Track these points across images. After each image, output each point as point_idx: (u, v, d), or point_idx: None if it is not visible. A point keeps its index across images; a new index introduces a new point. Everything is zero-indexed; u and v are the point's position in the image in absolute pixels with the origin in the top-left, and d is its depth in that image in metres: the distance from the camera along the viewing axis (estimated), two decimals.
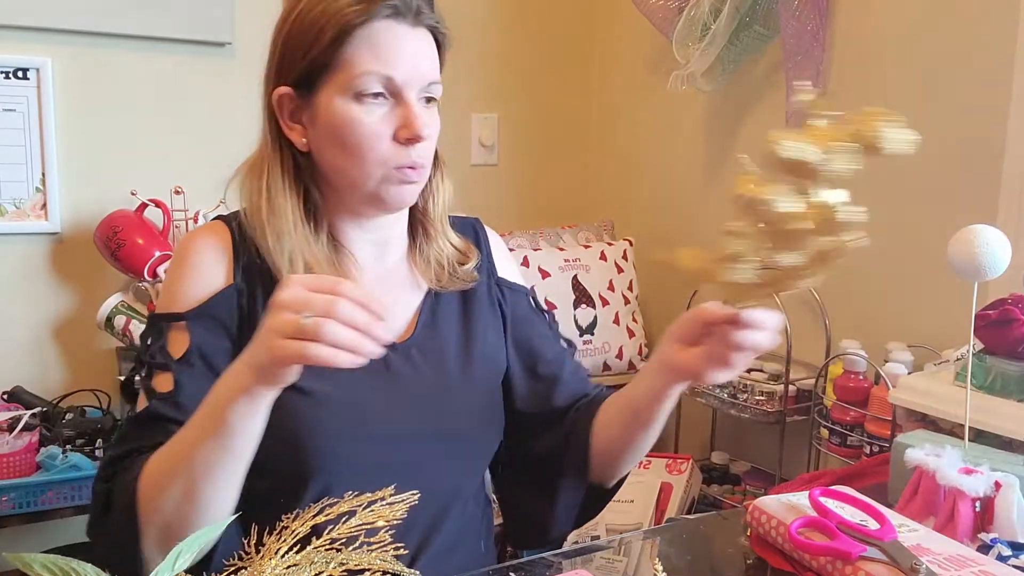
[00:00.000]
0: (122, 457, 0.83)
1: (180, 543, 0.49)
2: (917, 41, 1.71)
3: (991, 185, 1.57)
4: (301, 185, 0.92)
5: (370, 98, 0.86)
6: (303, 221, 0.91)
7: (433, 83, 0.89)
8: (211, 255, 0.91)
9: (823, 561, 0.77)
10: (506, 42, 2.50)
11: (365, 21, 0.85)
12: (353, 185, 0.90)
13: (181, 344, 0.86)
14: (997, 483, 0.85)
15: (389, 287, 0.97)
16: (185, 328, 0.87)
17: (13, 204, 1.96)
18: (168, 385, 0.85)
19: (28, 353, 2.02)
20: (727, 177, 2.21)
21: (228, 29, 2.11)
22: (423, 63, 0.88)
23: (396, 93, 0.87)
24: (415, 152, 0.88)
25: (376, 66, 0.85)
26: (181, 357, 0.86)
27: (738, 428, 2.15)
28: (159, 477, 0.76)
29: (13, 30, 1.91)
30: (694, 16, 1.98)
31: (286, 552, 0.49)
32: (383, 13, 0.86)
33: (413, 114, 0.86)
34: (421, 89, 0.88)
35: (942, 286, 1.61)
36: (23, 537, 1.94)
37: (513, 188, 2.55)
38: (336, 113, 0.87)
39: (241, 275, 0.90)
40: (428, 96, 0.90)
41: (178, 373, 0.85)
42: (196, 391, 0.81)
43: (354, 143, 0.87)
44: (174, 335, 0.87)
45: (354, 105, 0.86)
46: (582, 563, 0.85)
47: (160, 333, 0.87)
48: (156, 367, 0.86)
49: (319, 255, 0.91)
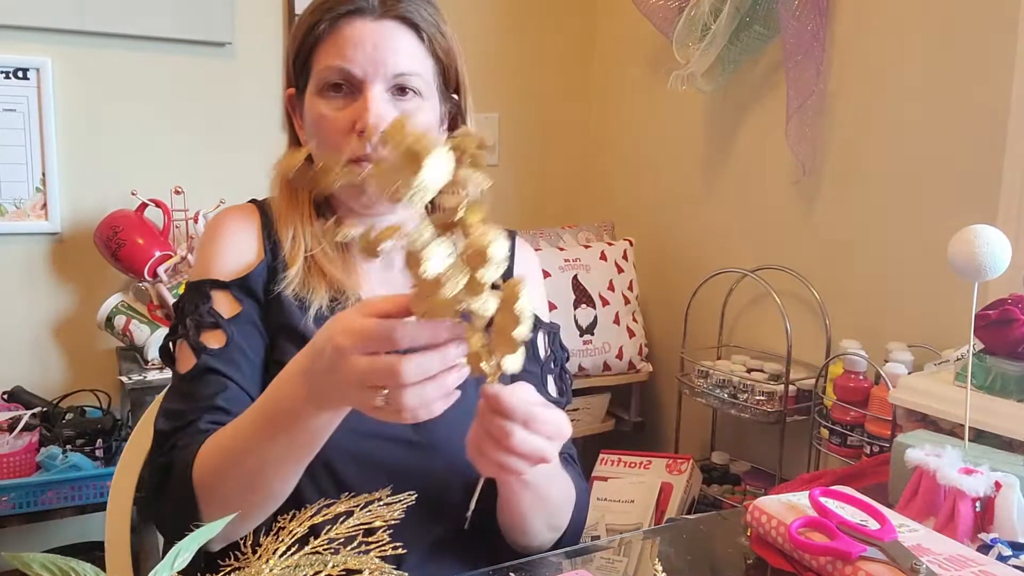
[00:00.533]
0: (178, 427, 0.83)
1: (179, 543, 0.49)
2: (917, 41, 1.71)
3: (991, 185, 1.57)
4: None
5: (331, 91, 0.88)
6: (313, 213, 0.94)
7: (403, 74, 0.88)
8: (244, 230, 0.94)
9: (823, 561, 0.77)
10: (506, 42, 2.51)
11: (330, 19, 0.89)
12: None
13: (230, 307, 0.89)
14: (997, 483, 0.85)
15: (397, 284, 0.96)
16: (230, 294, 0.89)
17: (13, 204, 1.96)
18: (220, 341, 0.86)
19: (28, 353, 2.02)
20: (727, 177, 2.21)
21: (228, 29, 2.11)
22: (387, 55, 0.88)
23: (356, 86, 0.88)
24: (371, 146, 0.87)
25: (335, 60, 0.88)
26: (232, 318, 0.88)
27: (738, 428, 2.15)
28: (219, 465, 0.75)
29: (13, 30, 1.91)
30: (694, 16, 1.98)
31: (283, 552, 0.49)
32: (344, 10, 0.88)
33: (365, 107, 0.86)
34: (388, 82, 0.88)
35: (942, 286, 1.61)
36: (23, 537, 1.94)
37: (513, 188, 2.55)
38: (310, 109, 0.90)
39: (270, 251, 0.93)
40: (402, 86, 0.89)
41: (230, 331, 0.87)
42: (246, 348, 0.86)
43: (320, 135, 0.90)
44: (220, 298, 0.89)
45: (320, 100, 0.89)
46: (582, 563, 0.85)
47: (207, 296, 0.89)
48: (206, 326, 0.87)
49: (329, 250, 0.93)
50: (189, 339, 0.87)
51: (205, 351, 0.86)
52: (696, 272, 2.17)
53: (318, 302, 0.90)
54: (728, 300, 2.14)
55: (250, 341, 0.88)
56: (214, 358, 0.85)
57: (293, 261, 0.91)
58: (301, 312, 0.90)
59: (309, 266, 0.92)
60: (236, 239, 0.93)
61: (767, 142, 2.05)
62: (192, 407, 0.84)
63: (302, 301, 0.90)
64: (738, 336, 2.18)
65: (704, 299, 2.12)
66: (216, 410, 0.84)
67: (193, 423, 0.83)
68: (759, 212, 2.11)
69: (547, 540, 0.89)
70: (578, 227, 2.42)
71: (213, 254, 0.92)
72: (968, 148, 1.62)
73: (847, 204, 1.88)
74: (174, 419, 0.84)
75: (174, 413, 0.85)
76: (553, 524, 0.88)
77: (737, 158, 2.17)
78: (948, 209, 1.66)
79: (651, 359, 2.36)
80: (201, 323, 0.87)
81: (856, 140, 1.85)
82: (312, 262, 0.92)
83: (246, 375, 0.87)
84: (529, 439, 0.66)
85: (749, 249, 2.12)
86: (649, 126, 2.46)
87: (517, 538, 0.88)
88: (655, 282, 2.43)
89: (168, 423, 0.85)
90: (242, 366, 0.86)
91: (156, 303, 1.97)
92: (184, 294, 0.92)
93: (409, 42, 0.90)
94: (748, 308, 2.15)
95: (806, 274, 1.94)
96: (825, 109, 1.89)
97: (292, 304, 0.90)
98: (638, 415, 2.39)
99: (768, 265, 2.00)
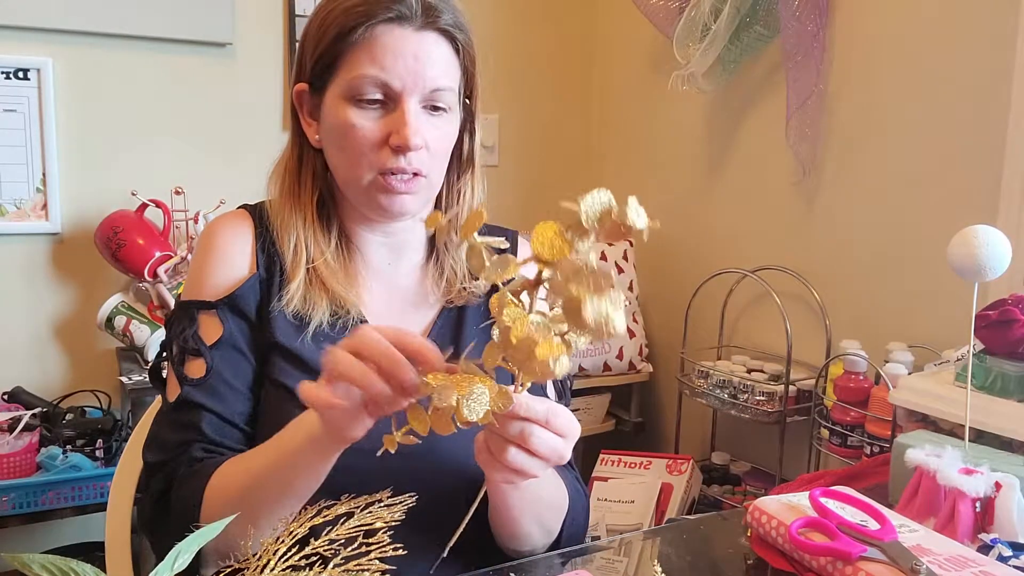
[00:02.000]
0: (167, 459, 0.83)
1: (179, 544, 0.49)
2: (917, 41, 1.71)
3: (991, 185, 1.57)
4: (318, 182, 0.93)
5: (364, 100, 0.85)
6: (315, 218, 0.92)
7: (439, 90, 0.86)
8: (236, 243, 0.91)
9: (823, 561, 0.77)
10: (506, 42, 2.51)
11: (367, 23, 0.84)
12: (348, 185, 0.90)
13: (214, 330, 0.87)
14: (997, 483, 0.85)
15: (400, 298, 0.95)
16: (216, 315, 0.88)
17: (14, 204, 1.96)
18: (200, 371, 0.85)
19: (28, 353, 2.02)
20: (727, 177, 2.21)
21: (228, 29, 2.11)
22: (426, 69, 0.85)
23: (393, 98, 0.85)
24: (405, 160, 0.86)
25: (373, 71, 0.84)
26: (214, 343, 0.87)
27: (738, 428, 2.15)
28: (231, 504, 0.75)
29: (13, 30, 1.91)
30: (694, 16, 1.98)
31: (284, 554, 0.49)
32: (385, 16, 0.84)
33: (404, 122, 0.84)
34: (424, 96, 0.86)
35: (942, 286, 1.61)
36: (23, 537, 1.94)
37: (513, 188, 2.55)
38: (336, 114, 0.87)
39: (263, 265, 0.90)
40: (435, 102, 0.87)
41: (211, 359, 0.86)
42: (228, 377, 0.85)
43: (347, 145, 0.86)
44: (205, 321, 0.88)
45: (351, 108, 0.85)
46: (582, 563, 0.85)
47: (192, 319, 0.88)
48: (189, 352, 0.86)
49: (327, 254, 0.91)
50: (173, 366, 0.87)
51: (186, 381, 0.85)
52: (696, 272, 2.17)
53: (318, 319, 0.88)
54: (728, 300, 2.14)
55: (233, 367, 0.87)
56: (195, 389, 0.85)
57: (294, 274, 0.88)
58: (297, 330, 0.88)
59: (310, 279, 0.89)
60: (227, 253, 0.91)
61: (767, 142, 2.05)
62: (179, 438, 0.84)
63: (301, 319, 0.88)
64: (738, 336, 2.18)
65: (704, 299, 2.12)
66: (207, 442, 0.84)
67: (182, 454, 0.83)
68: (759, 212, 2.11)
69: (541, 544, 0.88)
70: None
71: (202, 269, 0.90)
72: (968, 148, 1.62)
73: (847, 204, 1.88)
74: (162, 451, 0.85)
75: (162, 444, 0.85)
76: (546, 526, 0.87)
77: (737, 158, 2.17)
78: (948, 209, 1.66)
79: (651, 359, 2.36)
80: (185, 349, 0.87)
81: (856, 140, 1.85)
82: (313, 274, 0.90)
83: (228, 404, 0.86)
84: (549, 439, 0.66)
85: (749, 249, 2.12)
86: (649, 126, 2.46)
87: (510, 544, 0.87)
88: (655, 282, 2.43)
89: (156, 454, 0.85)
90: (224, 395, 0.85)
91: (156, 303, 1.97)
92: (173, 313, 0.91)
93: (446, 55, 0.88)
94: (748, 308, 2.15)
95: (806, 274, 1.94)
96: (825, 109, 1.89)
97: (287, 322, 0.88)
98: (638, 415, 2.39)
99: (768, 265, 2.00)
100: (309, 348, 0.87)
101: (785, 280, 1.96)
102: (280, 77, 2.23)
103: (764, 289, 1.96)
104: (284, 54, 2.22)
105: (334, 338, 0.84)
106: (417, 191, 0.89)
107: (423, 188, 0.89)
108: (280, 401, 0.86)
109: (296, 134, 0.94)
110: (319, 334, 0.87)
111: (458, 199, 0.97)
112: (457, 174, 0.96)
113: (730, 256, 2.15)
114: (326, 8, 0.87)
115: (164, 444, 0.85)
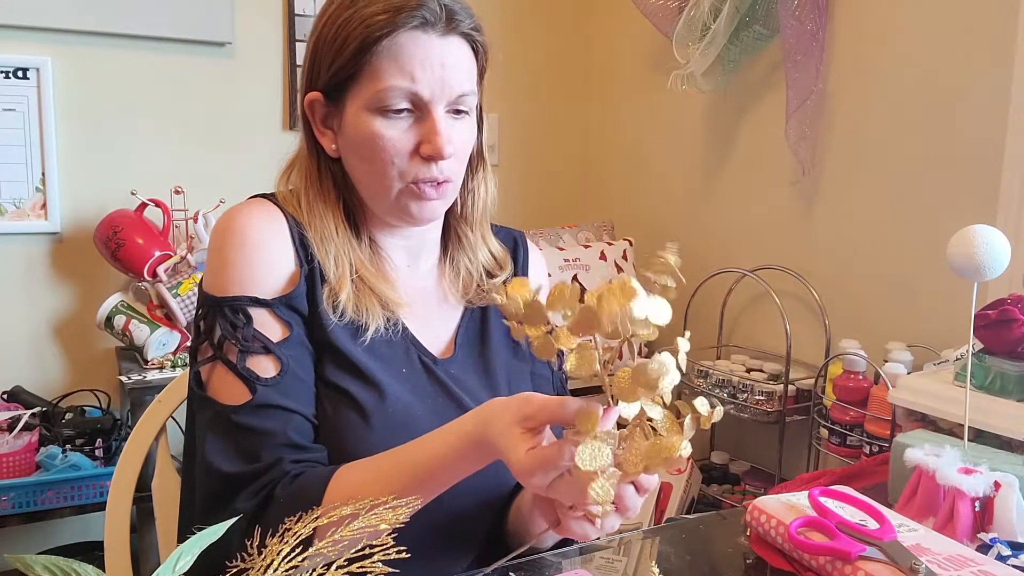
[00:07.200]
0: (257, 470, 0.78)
1: (181, 546, 0.49)
2: (917, 41, 1.71)
3: (991, 185, 1.57)
4: (340, 191, 0.91)
5: (394, 113, 0.83)
6: (344, 225, 0.90)
7: (464, 95, 0.85)
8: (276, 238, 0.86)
9: (823, 561, 0.77)
10: (506, 42, 2.50)
11: (391, 32, 0.81)
12: (375, 196, 0.89)
13: (277, 329, 0.83)
14: (996, 483, 0.85)
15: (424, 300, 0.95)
16: (271, 312, 0.83)
17: (13, 204, 1.96)
18: (271, 370, 0.81)
19: (28, 353, 2.02)
20: (727, 176, 2.21)
21: (228, 29, 2.11)
22: (452, 75, 0.83)
23: (421, 107, 0.84)
24: (436, 168, 0.85)
25: (401, 80, 0.82)
26: (281, 341, 0.83)
27: (738, 428, 2.15)
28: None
29: (13, 30, 1.91)
30: (694, 16, 1.98)
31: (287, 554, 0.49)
32: (410, 23, 0.82)
33: (436, 131, 0.83)
34: (449, 102, 0.85)
35: (942, 286, 1.62)
36: (23, 537, 1.94)
37: (513, 188, 2.55)
38: (360, 125, 0.84)
39: (305, 260, 0.86)
40: (458, 108, 0.86)
41: (285, 358, 0.82)
42: (302, 375, 0.82)
43: (375, 156, 0.84)
44: (261, 318, 0.83)
45: (378, 119, 0.84)
46: (582, 563, 0.85)
47: (247, 316, 0.82)
48: (253, 351, 0.81)
49: (363, 257, 0.89)
50: (235, 366, 0.81)
51: (259, 381, 0.80)
52: (696, 272, 2.17)
53: (375, 325, 0.86)
54: (728, 300, 2.14)
55: (303, 365, 0.83)
56: (271, 389, 0.81)
57: (342, 285, 0.85)
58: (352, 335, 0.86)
59: (357, 286, 0.87)
60: (269, 247, 0.85)
61: (767, 142, 2.05)
62: (262, 444, 0.79)
63: (356, 327, 0.86)
64: (738, 336, 2.19)
65: (704, 299, 2.12)
66: (293, 447, 0.80)
67: (276, 464, 0.79)
68: (759, 212, 2.11)
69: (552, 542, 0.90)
70: (578, 227, 2.42)
71: (241, 264, 0.84)
72: (967, 148, 1.63)
73: (847, 204, 1.88)
74: (244, 459, 0.79)
75: (243, 452, 0.79)
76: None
77: (737, 158, 2.17)
78: (948, 209, 1.66)
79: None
80: (248, 349, 0.81)
81: (856, 140, 1.85)
82: (359, 282, 0.87)
83: (305, 403, 0.83)
84: (638, 500, 0.70)
85: (749, 249, 2.12)
86: (649, 126, 2.46)
87: (524, 539, 0.86)
88: None
89: (237, 464, 0.79)
90: (301, 394, 0.82)
91: (156, 303, 1.97)
92: (209, 311, 0.83)
93: (468, 59, 0.86)
94: (748, 308, 2.15)
95: (806, 274, 1.94)
96: (825, 109, 1.89)
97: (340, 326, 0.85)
98: None
99: (768, 265, 2.00)
100: (364, 354, 0.85)
101: (784, 280, 1.96)
102: (280, 77, 2.23)
103: (763, 289, 1.96)
104: (284, 54, 2.22)
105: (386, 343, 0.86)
106: (446, 196, 0.89)
107: (451, 193, 0.89)
108: (336, 404, 0.84)
109: (310, 143, 0.91)
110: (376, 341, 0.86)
111: (473, 197, 0.97)
112: (471, 172, 0.96)
113: (729, 256, 2.15)
114: (341, 15, 0.84)
115: (245, 452, 0.79)
